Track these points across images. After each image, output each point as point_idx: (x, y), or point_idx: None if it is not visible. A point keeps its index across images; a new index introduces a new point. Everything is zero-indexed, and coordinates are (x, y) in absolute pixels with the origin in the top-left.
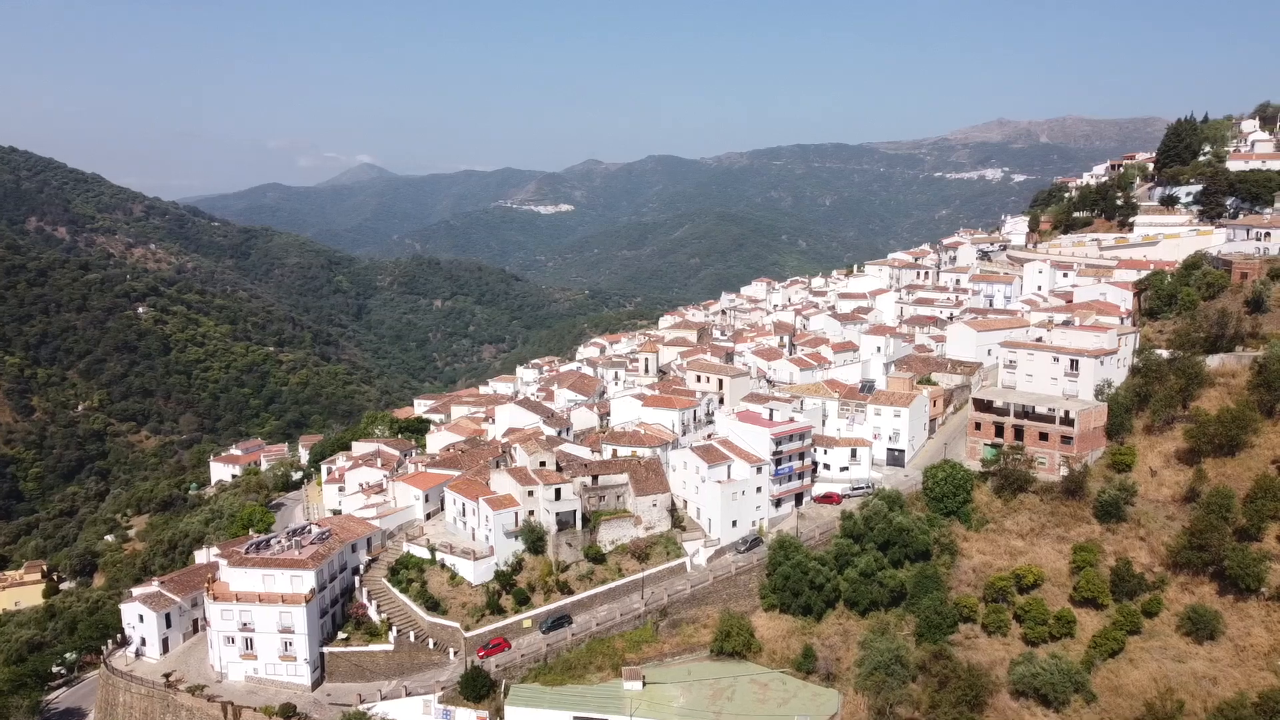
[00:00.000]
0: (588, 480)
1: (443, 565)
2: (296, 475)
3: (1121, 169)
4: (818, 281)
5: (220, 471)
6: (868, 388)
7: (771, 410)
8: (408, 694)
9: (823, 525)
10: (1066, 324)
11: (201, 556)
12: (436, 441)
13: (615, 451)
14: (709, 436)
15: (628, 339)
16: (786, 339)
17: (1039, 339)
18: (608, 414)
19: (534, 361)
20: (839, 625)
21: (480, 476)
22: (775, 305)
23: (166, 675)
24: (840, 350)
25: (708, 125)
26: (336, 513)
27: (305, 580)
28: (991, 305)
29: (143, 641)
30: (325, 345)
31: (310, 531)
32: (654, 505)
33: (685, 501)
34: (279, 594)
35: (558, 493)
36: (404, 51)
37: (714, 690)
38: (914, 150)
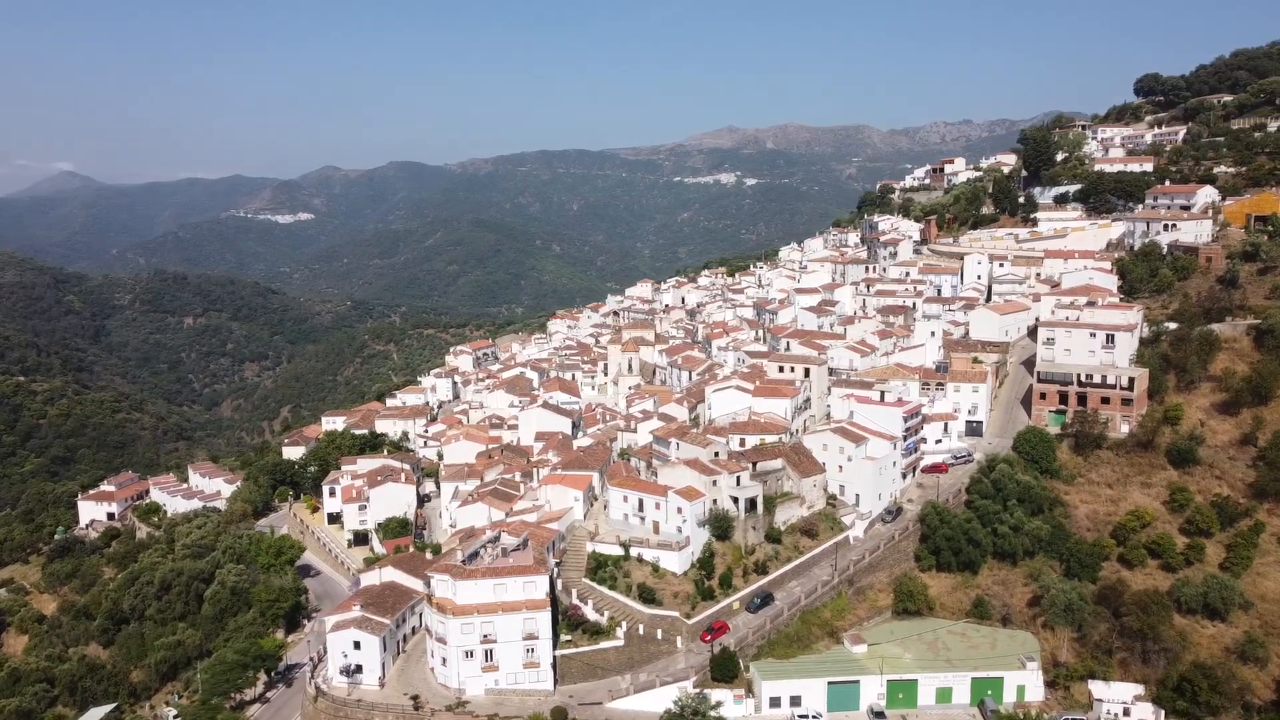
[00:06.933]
0: (749, 467)
1: (639, 559)
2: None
3: (941, 171)
4: (703, 279)
5: (93, 510)
6: (942, 368)
7: (883, 393)
8: (661, 684)
9: (944, 491)
10: (1090, 304)
11: (372, 578)
12: (458, 452)
13: (743, 440)
14: (807, 420)
15: (523, 343)
16: (761, 332)
17: (1066, 318)
18: (695, 406)
19: (434, 371)
20: (994, 576)
21: (629, 473)
22: (667, 304)
23: (414, 698)
24: (884, 337)
25: (449, 131)
26: (362, 535)
27: (540, 585)
28: (940, 294)
29: (357, 668)
30: (79, 372)
31: (501, 539)
32: (814, 485)
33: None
34: (520, 601)
35: (738, 480)
36: (106, 46)
37: (929, 644)
38: (653, 156)
